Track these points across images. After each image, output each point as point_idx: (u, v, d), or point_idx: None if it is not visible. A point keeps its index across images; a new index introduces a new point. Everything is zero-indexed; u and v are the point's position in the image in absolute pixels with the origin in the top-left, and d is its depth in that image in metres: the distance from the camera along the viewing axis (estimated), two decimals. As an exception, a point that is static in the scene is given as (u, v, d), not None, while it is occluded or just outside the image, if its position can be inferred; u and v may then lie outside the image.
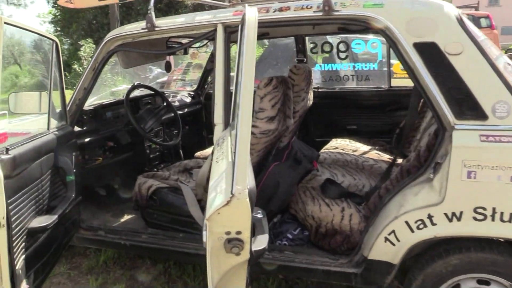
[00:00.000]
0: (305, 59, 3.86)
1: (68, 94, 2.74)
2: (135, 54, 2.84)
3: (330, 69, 4.87)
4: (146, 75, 7.61)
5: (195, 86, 4.60)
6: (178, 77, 4.28)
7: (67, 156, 2.48)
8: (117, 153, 3.29)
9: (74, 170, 2.55)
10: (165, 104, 3.41)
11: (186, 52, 3.64)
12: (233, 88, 2.04)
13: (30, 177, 1.96)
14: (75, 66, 13.77)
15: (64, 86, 2.49)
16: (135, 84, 3.25)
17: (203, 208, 2.64)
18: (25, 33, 2.25)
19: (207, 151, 3.71)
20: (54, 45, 2.28)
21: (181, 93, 4.37)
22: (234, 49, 2.62)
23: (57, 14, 22.24)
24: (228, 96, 2.34)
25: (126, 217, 3.30)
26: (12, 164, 1.74)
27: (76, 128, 2.87)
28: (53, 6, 22.03)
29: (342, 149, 3.48)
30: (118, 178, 3.54)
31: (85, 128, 2.96)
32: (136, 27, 2.57)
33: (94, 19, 19.00)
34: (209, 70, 4.28)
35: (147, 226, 2.89)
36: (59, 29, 22.00)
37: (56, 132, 2.36)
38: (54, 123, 2.48)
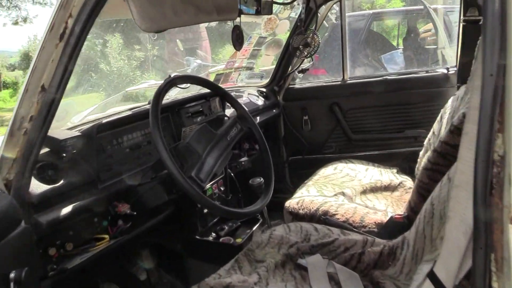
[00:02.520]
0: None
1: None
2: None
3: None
4: (182, 68, 5.91)
5: (266, 80, 2.85)
6: (242, 64, 2.51)
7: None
8: (138, 223, 1.59)
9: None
10: (235, 116, 1.63)
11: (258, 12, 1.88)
12: None
13: None
14: (102, 66, 12.35)
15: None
16: (172, 77, 1.48)
17: None
18: None
19: (309, 198, 1.97)
20: None
21: (247, 91, 2.63)
22: None
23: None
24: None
25: None
26: None
27: (37, 187, 1.18)
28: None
29: None
30: (141, 263, 1.85)
31: (62, 182, 1.27)
32: None
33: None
34: (294, 48, 2.49)
35: None
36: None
37: None
38: None
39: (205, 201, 1.26)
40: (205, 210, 2.02)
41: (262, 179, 1.83)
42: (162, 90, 1.34)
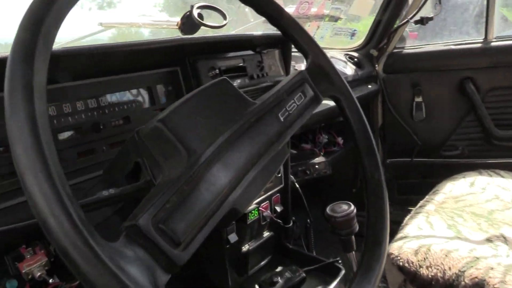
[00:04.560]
0: None
1: None
2: None
3: None
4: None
5: (360, 40, 1.94)
6: (323, 9, 1.62)
7: None
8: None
9: None
10: (302, 70, 0.73)
11: None
12: None
13: None
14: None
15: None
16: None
17: None
18: None
19: (438, 245, 1.04)
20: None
21: (329, 54, 1.70)
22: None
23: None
24: None
25: None
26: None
27: None
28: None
29: None
30: None
31: None
32: None
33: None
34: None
35: None
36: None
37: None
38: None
39: None
40: (246, 248, 1.18)
41: (352, 207, 0.92)
42: None
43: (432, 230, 1.20)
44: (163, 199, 0.43)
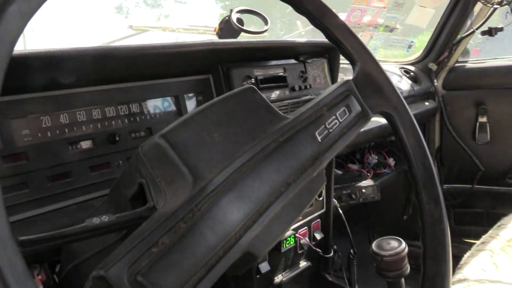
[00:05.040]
0: None
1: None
2: None
3: None
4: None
5: (417, 53, 1.80)
6: (377, 18, 1.49)
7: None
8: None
9: None
10: (348, 79, 0.61)
11: None
12: None
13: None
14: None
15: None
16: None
17: None
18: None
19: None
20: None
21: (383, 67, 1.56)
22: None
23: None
24: None
25: None
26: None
27: None
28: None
29: None
30: None
31: None
32: None
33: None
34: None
35: None
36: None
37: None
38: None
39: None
40: (279, 279, 1.06)
41: (403, 244, 0.78)
42: None
43: (498, 274, 1.03)
44: (149, 241, 0.33)
